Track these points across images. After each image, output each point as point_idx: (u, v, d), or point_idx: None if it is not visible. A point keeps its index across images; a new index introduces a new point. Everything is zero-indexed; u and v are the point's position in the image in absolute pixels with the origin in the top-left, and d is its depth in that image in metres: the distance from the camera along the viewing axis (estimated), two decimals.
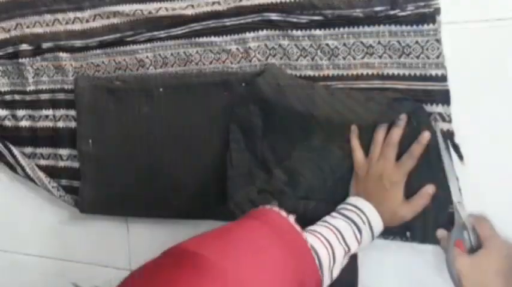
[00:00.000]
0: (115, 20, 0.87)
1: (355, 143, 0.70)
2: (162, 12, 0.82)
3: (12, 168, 1.01)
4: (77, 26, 0.92)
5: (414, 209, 0.66)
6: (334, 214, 0.65)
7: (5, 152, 1.00)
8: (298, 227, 0.55)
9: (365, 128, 0.69)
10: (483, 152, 0.65)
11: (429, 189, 0.66)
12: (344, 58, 0.71)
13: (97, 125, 0.91)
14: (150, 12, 0.83)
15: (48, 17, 0.94)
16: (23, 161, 0.99)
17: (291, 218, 0.56)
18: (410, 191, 0.67)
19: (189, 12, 0.80)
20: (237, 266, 0.42)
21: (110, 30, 0.88)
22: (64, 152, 0.97)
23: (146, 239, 0.93)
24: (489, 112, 0.65)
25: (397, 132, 0.67)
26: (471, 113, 0.65)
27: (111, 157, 0.90)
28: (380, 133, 0.68)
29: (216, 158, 0.80)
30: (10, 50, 0.99)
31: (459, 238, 0.62)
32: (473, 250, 0.61)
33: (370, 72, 0.70)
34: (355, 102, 0.70)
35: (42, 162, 1.00)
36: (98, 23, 0.89)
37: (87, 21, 0.90)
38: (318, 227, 0.62)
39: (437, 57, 0.65)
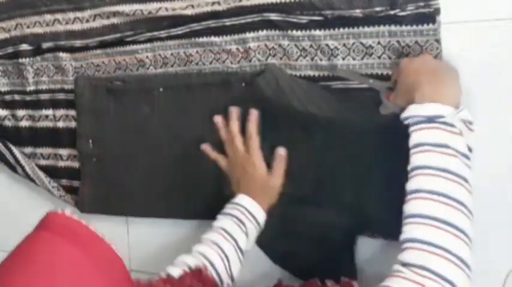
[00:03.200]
0: (115, 20, 0.87)
1: (213, 154, 0.79)
2: (162, 12, 0.82)
3: (12, 168, 1.01)
4: (77, 26, 0.92)
5: (278, 174, 0.73)
6: (218, 216, 0.71)
7: (5, 152, 1.00)
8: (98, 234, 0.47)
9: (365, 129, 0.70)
10: (482, 151, 0.65)
11: (280, 151, 0.73)
12: (343, 58, 0.71)
13: (97, 125, 0.91)
14: (150, 12, 0.83)
15: (48, 17, 0.94)
16: (23, 161, 0.99)
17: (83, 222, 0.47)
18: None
19: (189, 12, 0.80)
20: None
21: (110, 30, 0.88)
22: (64, 152, 0.97)
23: (146, 239, 0.93)
24: (489, 112, 0.65)
25: (234, 125, 0.75)
26: (470, 113, 0.65)
27: (111, 157, 0.90)
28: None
29: None
30: (10, 50, 0.99)
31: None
32: None
33: (369, 72, 0.70)
34: (355, 103, 0.70)
35: (42, 162, 1.00)
36: (98, 23, 0.89)
37: (87, 21, 0.90)
38: (207, 233, 0.68)
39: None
